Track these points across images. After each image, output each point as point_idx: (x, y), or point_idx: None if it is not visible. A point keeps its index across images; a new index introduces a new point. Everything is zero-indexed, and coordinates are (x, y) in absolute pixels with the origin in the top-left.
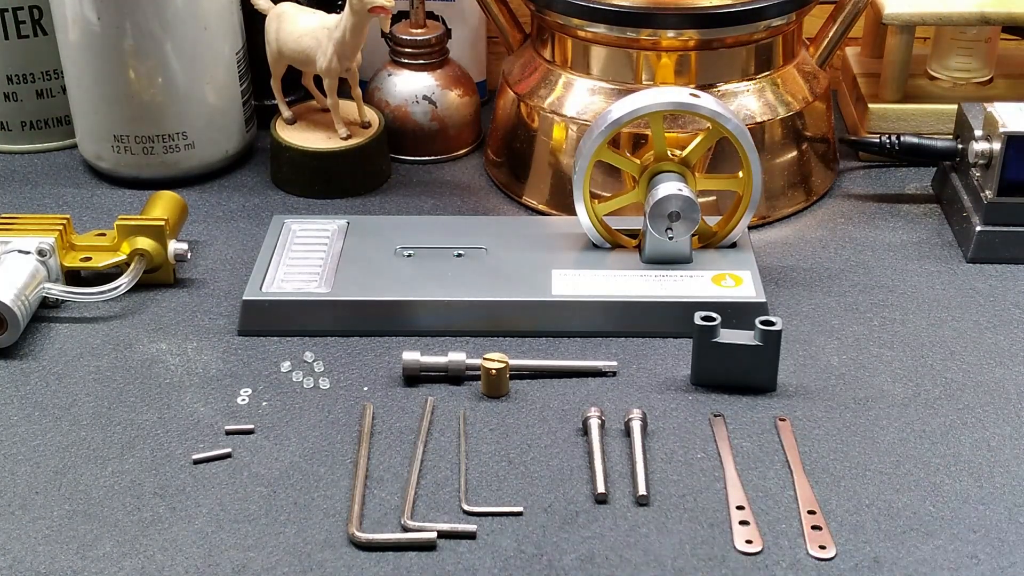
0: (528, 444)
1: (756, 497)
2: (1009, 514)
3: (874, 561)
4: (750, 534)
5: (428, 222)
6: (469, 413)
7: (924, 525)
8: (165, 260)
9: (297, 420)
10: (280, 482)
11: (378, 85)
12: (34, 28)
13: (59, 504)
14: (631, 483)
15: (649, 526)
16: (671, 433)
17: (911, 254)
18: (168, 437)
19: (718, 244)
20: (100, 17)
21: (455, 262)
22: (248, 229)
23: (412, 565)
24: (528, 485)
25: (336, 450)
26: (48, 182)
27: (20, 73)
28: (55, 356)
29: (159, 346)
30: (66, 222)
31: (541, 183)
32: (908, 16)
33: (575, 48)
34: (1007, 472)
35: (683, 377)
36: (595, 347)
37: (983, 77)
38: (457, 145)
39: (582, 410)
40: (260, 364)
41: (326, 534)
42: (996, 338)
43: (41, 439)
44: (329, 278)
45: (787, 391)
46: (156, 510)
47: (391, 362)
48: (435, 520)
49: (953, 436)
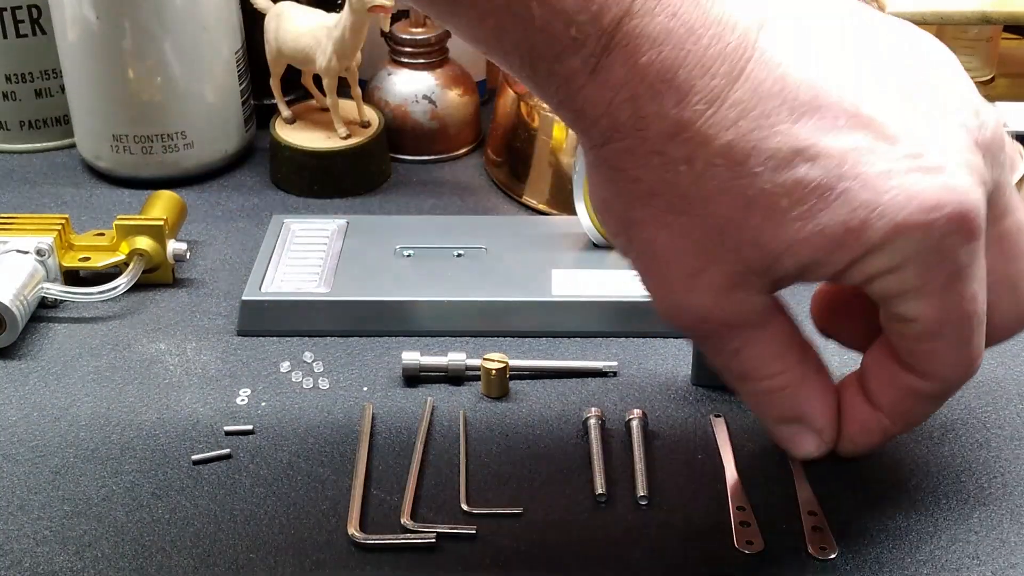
0: (528, 444)
1: (756, 497)
2: (1011, 515)
3: (875, 562)
4: (751, 535)
5: (428, 222)
6: (469, 413)
7: (925, 526)
8: (164, 260)
9: (297, 420)
10: (280, 482)
11: (378, 84)
12: (33, 27)
13: (58, 504)
14: (631, 483)
15: (649, 526)
16: (671, 433)
17: None
18: (167, 437)
19: None
20: (99, 16)
21: (455, 262)
22: (247, 229)
23: (412, 565)
24: (528, 485)
25: (336, 450)
26: (47, 182)
27: (19, 72)
28: (54, 356)
29: (158, 346)
30: (65, 222)
31: (541, 183)
32: (909, 15)
33: None
34: (1008, 472)
35: (683, 377)
36: (595, 347)
37: (984, 76)
38: (457, 145)
39: (582, 410)
40: (259, 364)
41: (326, 534)
42: None
43: (40, 439)
44: (329, 278)
45: None
46: (155, 511)
47: (391, 362)
48: (435, 520)
49: (953, 436)
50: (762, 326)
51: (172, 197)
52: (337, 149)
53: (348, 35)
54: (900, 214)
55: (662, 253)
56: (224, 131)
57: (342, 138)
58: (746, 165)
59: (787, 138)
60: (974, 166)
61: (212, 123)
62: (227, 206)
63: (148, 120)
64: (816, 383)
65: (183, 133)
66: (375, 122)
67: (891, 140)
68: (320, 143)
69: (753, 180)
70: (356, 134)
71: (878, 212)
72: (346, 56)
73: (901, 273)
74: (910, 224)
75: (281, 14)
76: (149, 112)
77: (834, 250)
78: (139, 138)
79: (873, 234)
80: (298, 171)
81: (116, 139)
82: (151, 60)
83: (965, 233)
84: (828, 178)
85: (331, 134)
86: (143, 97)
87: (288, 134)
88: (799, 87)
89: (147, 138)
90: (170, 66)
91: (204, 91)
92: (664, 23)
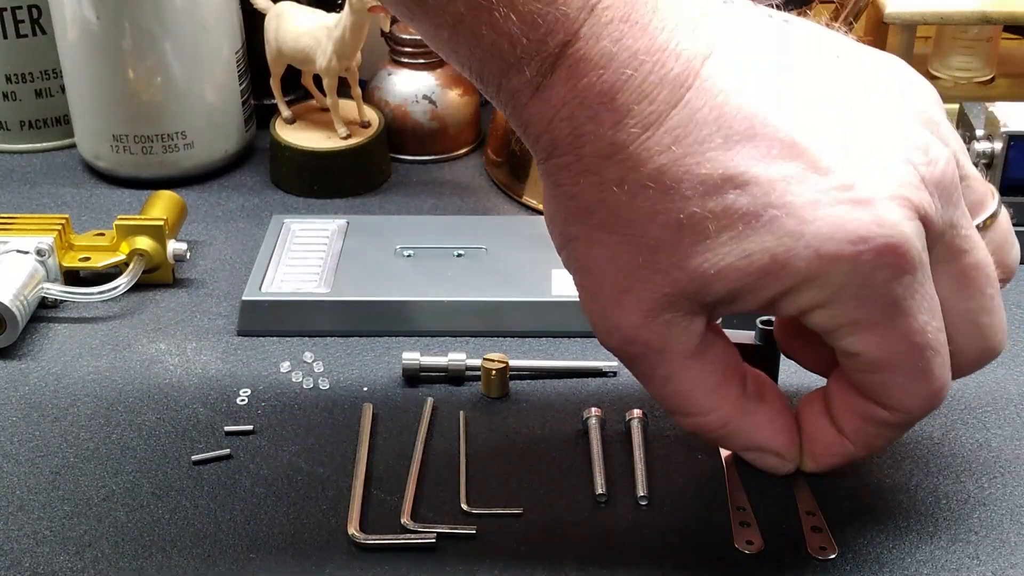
0: (528, 444)
1: (756, 497)
2: (1011, 515)
3: (875, 562)
4: (750, 535)
5: (428, 222)
6: (469, 413)
7: (925, 526)
8: (164, 260)
9: (297, 420)
10: (280, 482)
11: (378, 84)
12: (33, 27)
13: (58, 505)
14: (631, 483)
15: (649, 526)
16: (671, 433)
17: None
18: (167, 437)
19: None
20: (99, 16)
21: (455, 262)
22: (247, 229)
23: (412, 565)
24: (528, 485)
25: (336, 450)
26: (47, 182)
27: (19, 72)
28: (54, 356)
29: (158, 346)
30: (65, 222)
31: (541, 183)
32: (909, 15)
33: None
34: (1008, 473)
35: None
36: (595, 347)
37: (984, 76)
38: (457, 145)
39: (582, 410)
40: (260, 364)
41: (326, 534)
42: None
43: (40, 439)
44: (329, 278)
45: (787, 391)
46: (155, 511)
47: (391, 362)
48: (435, 520)
49: (954, 436)
50: (695, 356)
51: (172, 197)
52: (337, 149)
53: (348, 35)
54: (824, 245)
55: (595, 269)
56: (224, 131)
57: (342, 138)
58: (677, 189)
59: (718, 165)
60: (914, 201)
61: (212, 123)
62: (227, 206)
63: (148, 120)
64: (762, 414)
65: (183, 133)
66: (375, 122)
67: (823, 172)
68: (320, 143)
69: (684, 204)
70: (356, 134)
71: (803, 242)
72: (346, 56)
73: (833, 307)
74: (836, 255)
75: (281, 14)
76: (149, 112)
77: (761, 277)
78: (139, 138)
79: (799, 263)
80: (298, 171)
81: (116, 139)
82: (151, 60)
83: (896, 267)
84: (756, 206)
85: (331, 134)
86: (143, 97)
87: (288, 134)
88: (736, 115)
89: (147, 138)
90: (170, 66)
91: (204, 91)
92: (607, 48)
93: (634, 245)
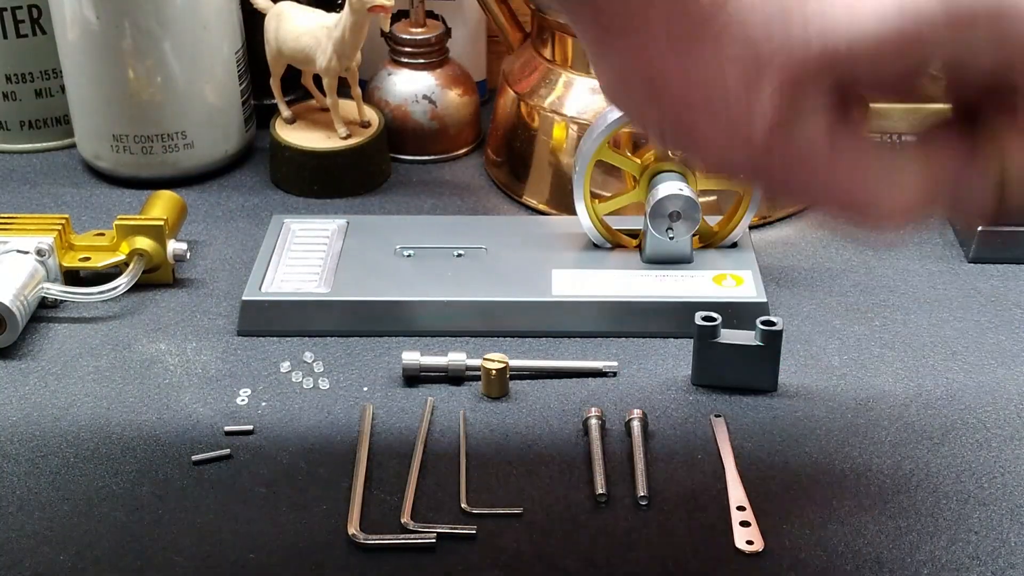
0: (528, 444)
1: (756, 497)
2: (1011, 515)
3: (875, 562)
4: (751, 534)
5: (428, 222)
6: (469, 413)
7: (925, 526)
8: (164, 260)
9: (297, 420)
10: (280, 482)
11: (378, 84)
12: (33, 27)
13: (58, 504)
14: (631, 483)
15: (649, 526)
16: (671, 433)
17: (913, 254)
18: (167, 437)
19: (719, 244)
20: (99, 16)
21: (455, 262)
22: (247, 229)
23: (412, 565)
24: (528, 485)
25: (336, 450)
26: (47, 182)
27: (19, 72)
28: (54, 356)
29: (158, 346)
30: (65, 222)
31: (541, 183)
32: None
33: (576, 47)
34: (1008, 473)
35: (683, 377)
36: (595, 347)
37: None
38: (457, 145)
39: (582, 410)
40: (259, 364)
41: (326, 534)
42: (998, 338)
43: (40, 439)
44: (329, 278)
45: (788, 391)
46: (155, 511)
47: (391, 362)
48: (435, 520)
49: (954, 436)
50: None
51: (172, 197)
52: (337, 149)
53: (348, 35)
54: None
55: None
56: (224, 131)
57: (342, 138)
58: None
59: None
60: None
61: (212, 123)
62: (227, 206)
63: (148, 120)
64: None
65: (183, 133)
66: (375, 122)
67: None
68: (320, 143)
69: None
70: (356, 134)
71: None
72: (346, 56)
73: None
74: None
75: (281, 14)
76: (149, 112)
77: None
78: (139, 138)
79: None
80: (298, 171)
81: (116, 139)
82: (151, 60)
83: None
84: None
85: (331, 134)
86: (143, 97)
87: (288, 134)
88: None
89: (147, 138)
90: (170, 66)
91: (204, 91)
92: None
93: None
